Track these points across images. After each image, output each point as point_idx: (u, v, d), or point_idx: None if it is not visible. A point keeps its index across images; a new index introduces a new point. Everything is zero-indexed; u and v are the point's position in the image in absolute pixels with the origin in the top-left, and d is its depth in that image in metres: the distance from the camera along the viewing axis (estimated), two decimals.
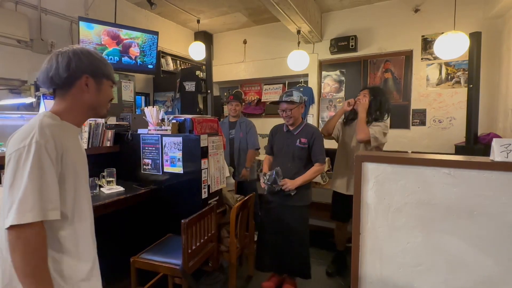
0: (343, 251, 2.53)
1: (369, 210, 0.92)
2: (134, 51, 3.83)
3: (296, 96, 2.04)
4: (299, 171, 2.06)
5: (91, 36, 3.44)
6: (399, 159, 0.88)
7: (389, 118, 2.33)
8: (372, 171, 0.90)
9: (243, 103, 3.34)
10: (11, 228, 0.69)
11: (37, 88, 2.75)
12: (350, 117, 2.40)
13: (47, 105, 2.03)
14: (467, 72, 3.61)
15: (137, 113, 3.74)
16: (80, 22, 3.32)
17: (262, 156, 3.37)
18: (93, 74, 0.90)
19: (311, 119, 4.79)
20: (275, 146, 2.23)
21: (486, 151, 3.25)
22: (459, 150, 3.52)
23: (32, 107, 2.56)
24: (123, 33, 3.69)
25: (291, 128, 2.13)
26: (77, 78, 0.87)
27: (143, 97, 4.67)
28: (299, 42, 4.22)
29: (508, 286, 0.78)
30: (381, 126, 2.17)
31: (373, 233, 0.92)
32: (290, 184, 1.99)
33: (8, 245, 0.71)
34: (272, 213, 2.15)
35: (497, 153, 0.77)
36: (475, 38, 3.20)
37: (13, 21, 3.01)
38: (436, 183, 0.84)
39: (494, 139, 0.80)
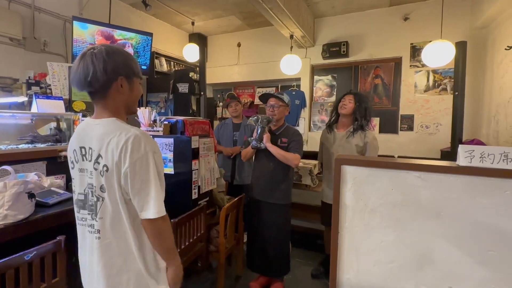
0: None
1: (347, 210, 0.97)
2: (128, 51, 3.84)
3: (286, 98, 2.15)
4: (279, 170, 2.11)
5: (85, 35, 3.45)
6: (375, 162, 0.94)
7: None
8: (351, 174, 0.96)
9: (242, 105, 3.28)
10: (156, 219, 0.89)
11: (29, 87, 2.75)
12: (333, 120, 2.41)
13: (39, 104, 2.04)
14: (453, 80, 3.73)
15: None
16: (74, 21, 3.33)
17: None
18: (127, 74, 0.94)
19: (303, 123, 4.87)
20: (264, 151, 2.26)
21: None
22: (444, 155, 3.63)
23: (24, 106, 2.56)
24: (117, 34, 3.71)
25: (273, 128, 2.19)
26: (113, 80, 0.91)
27: None
28: (291, 47, 4.30)
29: (470, 279, 0.84)
30: (372, 138, 2.22)
31: (350, 232, 0.97)
32: (266, 140, 2.05)
33: (152, 231, 0.92)
34: (258, 212, 2.20)
35: (462, 158, 0.84)
36: (461, 47, 3.32)
37: (6, 19, 3.00)
38: (407, 185, 0.90)
39: (460, 145, 0.87)
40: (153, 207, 0.88)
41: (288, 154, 2.05)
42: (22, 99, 2.39)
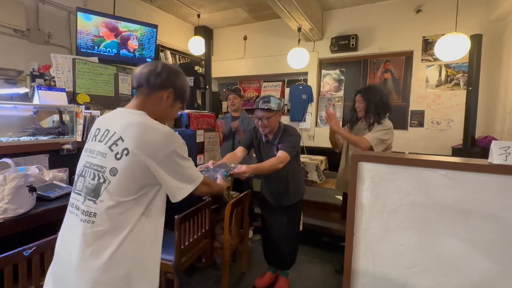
0: None
1: (364, 211, 0.90)
2: (133, 44, 3.78)
3: (274, 104, 1.84)
4: (285, 175, 1.98)
5: (89, 27, 3.39)
6: (396, 159, 0.86)
7: (387, 116, 2.20)
8: (368, 171, 0.88)
9: (242, 98, 3.26)
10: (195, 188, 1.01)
11: (33, 79, 2.72)
12: (353, 119, 2.34)
13: (41, 96, 2.00)
14: (466, 75, 3.60)
15: None
16: (78, 12, 3.28)
17: None
18: (176, 93, 1.04)
19: (310, 118, 4.78)
20: (258, 156, 2.10)
21: (483, 154, 3.28)
22: (456, 152, 3.53)
23: (28, 98, 2.53)
24: (122, 25, 3.65)
25: (270, 137, 1.98)
26: (164, 88, 1.01)
27: None
28: (299, 40, 4.19)
29: None
30: (380, 128, 2.09)
31: (367, 234, 0.91)
32: (246, 170, 1.63)
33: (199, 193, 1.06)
34: (270, 211, 2.15)
35: (495, 155, 0.76)
36: (476, 40, 3.19)
37: (9, 10, 2.96)
38: (432, 184, 0.82)
39: (493, 141, 0.79)
40: (196, 179, 1.00)
41: (271, 161, 1.77)
42: (24, 90, 2.35)
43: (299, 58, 4.11)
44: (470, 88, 3.32)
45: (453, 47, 3.06)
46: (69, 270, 0.89)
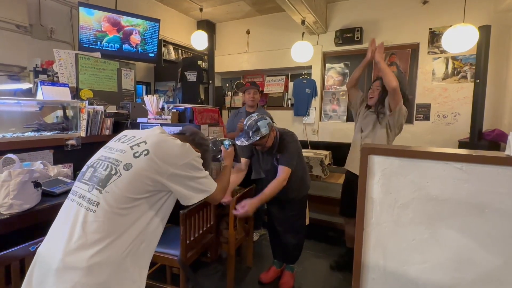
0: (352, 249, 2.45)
1: (374, 205, 0.88)
2: (135, 38, 3.76)
3: (263, 128, 1.79)
4: (289, 185, 1.94)
5: (91, 22, 3.37)
6: (408, 152, 0.84)
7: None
8: (379, 165, 0.86)
9: (260, 94, 3.00)
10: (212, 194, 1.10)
11: (36, 75, 2.71)
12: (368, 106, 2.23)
13: (44, 92, 1.99)
14: (474, 67, 3.53)
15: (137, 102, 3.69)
16: (80, 7, 3.25)
17: None
18: (201, 158, 1.16)
19: (314, 112, 4.74)
20: (261, 168, 2.09)
21: (491, 147, 3.23)
22: (462, 146, 3.48)
23: (32, 94, 2.52)
24: (124, 20, 3.62)
25: (266, 148, 1.96)
26: (196, 147, 1.16)
27: (143, 86, 4.62)
28: (303, 33, 4.14)
29: None
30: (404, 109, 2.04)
31: (377, 229, 0.89)
32: (249, 209, 1.75)
33: (212, 201, 1.17)
34: (275, 205, 2.14)
35: None
36: (485, 31, 3.12)
37: (12, 6, 2.94)
38: (446, 178, 0.80)
39: (511, 133, 0.76)
40: (213, 186, 1.09)
41: (273, 185, 1.81)
42: (27, 86, 2.35)
43: (303, 52, 4.06)
44: (478, 81, 3.26)
45: (461, 38, 2.99)
46: (55, 257, 0.84)
